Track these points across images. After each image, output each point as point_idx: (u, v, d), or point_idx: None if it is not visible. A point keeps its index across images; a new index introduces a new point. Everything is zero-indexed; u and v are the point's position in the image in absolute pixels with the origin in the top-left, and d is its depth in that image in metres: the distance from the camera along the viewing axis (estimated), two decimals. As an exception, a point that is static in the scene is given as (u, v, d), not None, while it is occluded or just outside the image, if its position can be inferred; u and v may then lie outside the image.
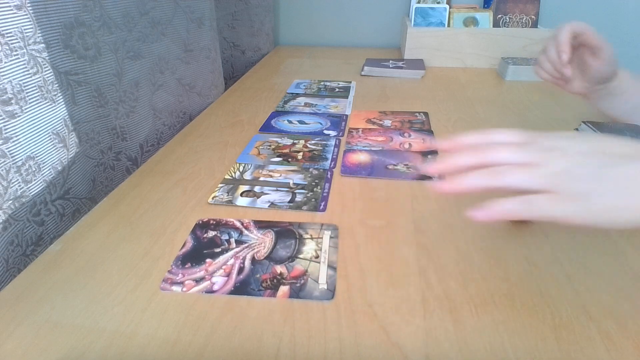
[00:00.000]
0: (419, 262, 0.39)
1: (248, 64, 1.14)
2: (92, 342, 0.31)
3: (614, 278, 0.36)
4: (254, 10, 1.09)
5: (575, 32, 0.56)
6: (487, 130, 0.33)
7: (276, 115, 0.74)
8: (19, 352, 0.31)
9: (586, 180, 0.28)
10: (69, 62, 0.48)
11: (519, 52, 1.02)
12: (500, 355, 0.30)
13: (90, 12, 0.50)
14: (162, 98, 0.67)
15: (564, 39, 0.56)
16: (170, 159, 0.59)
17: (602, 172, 0.28)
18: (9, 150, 0.41)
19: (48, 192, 0.47)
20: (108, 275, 0.38)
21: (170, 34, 0.68)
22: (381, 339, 0.31)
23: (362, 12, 1.25)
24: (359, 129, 0.68)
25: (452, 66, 1.06)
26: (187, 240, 0.42)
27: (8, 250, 0.42)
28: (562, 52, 0.56)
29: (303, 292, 0.36)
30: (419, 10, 1.07)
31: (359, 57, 1.14)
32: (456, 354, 0.30)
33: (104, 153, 0.56)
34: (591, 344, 0.30)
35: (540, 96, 0.83)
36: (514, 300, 0.34)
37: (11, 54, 0.40)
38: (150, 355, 0.30)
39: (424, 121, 0.71)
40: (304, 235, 0.43)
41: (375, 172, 0.54)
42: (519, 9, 1.04)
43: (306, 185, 0.52)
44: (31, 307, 0.34)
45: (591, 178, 0.28)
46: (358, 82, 0.93)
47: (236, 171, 0.55)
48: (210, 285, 0.36)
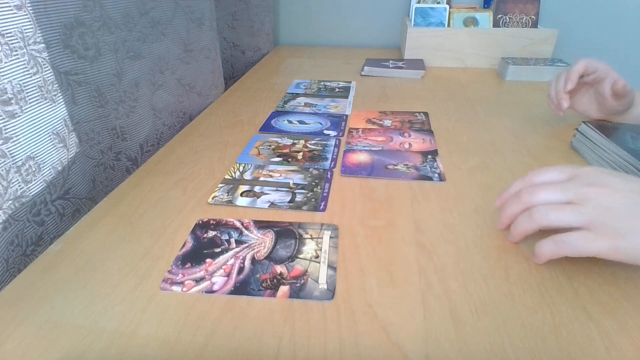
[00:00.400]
0: (419, 262, 0.39)
1: (248, 64, 1.14)
2: (92, 342, 0.31)
3: (614, 278, 0.36)
4: (254, 10, 1.09)
5: (589, 68, 0.60)
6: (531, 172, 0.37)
7: (276, 115, 0.74)
8: (19, 352, 0.31)
9: (622, 219, 0.30)
10: (69, 62, 0.48)
11: (519, 52, 1.02)
12: (500, 355, 0.30)
13: (90, 12, 0.50)
14: (162, 98, 0.67)
15: (576, 71, 0.60)
16: (170, 159, 0.59)
17: (637, 210, 0.30)
18: (9, 150, 0.41)
19: (48, 192, 0.47)
20: (108, 275, 0.38)
21: (170, 34, 0.68)
22: (381, 339, 0.31)
23: (362, 12, 1.25)
24: (359, 129, 0.68)
25: (452, 66, 1.06)
26: (187, 240, 0.42)
27: (8, 250, 0.42)
28: (568, 80, 0.60)
29: (303, 292, 0.36)
30: (419, 10, 1.07)
31: (359, 57, 1.14)
32: (456, 354, 0.30)
33: (104, 153, 0.56)
34: (591, 343, 0.30)
35: (540, 96, 0.83)
36: (514, 300, 0.34)
37: (11, 54, 0.40)
38: (150, 355, 0.30)
39: (424, 121, 0.71)
40: (304, 235, 0.43)
41: (375, 172, 0.54)
42: (519, 9, 1.04)
43: (306, 185, 0.52)
44: (31, 307, 0.34)
45: (627, 216, 0.30)
46: (358, 82, 0.93)
47: (236, 171, 0.55)
48: (210, 285, 0.36)
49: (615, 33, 1.16)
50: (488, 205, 0.47)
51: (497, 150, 0.60)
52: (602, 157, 0.53)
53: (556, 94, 0.63)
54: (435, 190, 0.50)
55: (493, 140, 0.64)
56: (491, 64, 1.05)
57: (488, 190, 0.50)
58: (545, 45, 1.01)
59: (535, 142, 0.63)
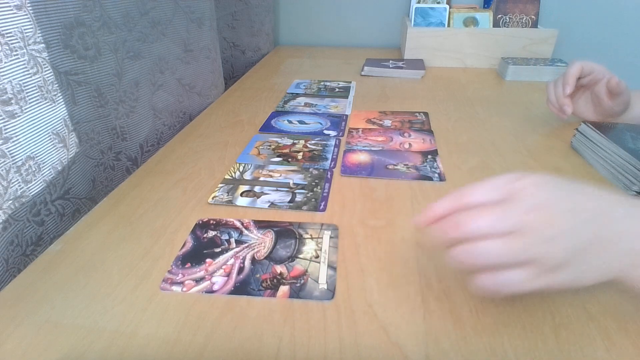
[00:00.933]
0: (419, 262, 0.39)
1: (248, 64, 1.14)
2: (92, 342, 0.31)
3: (614, 278, 0.36)
4: (254, 10, 1.09)
5: (585, 70, 0.61)
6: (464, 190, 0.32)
7: (276, 115, 0.74)
8: (19, 352, 0.31)
9: (564, 249, 0.28)
10: (69, 62, 0.48)
11: (519, 52, 1.02)
12: (500, 355, 0.30)
13: (90, 12, 0.50)
14: (162, 98, 0.67)
15: (572, 73, 0.60)
16: (170, 159, 0.59)
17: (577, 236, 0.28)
18: (9, 150, 0.41)
19: (48, 192, 0.47)
20: (108, 275, 0.38)
21: (170, 34, 0.68)
22: (381, 339, 0.31)
23: (362, 12, 1.25)
24: (359, 129, 0.68)
25: (452, 66, 1.06)
26: (187, 240, 0.42)
27: (8, 250, 0.42)
28: (566, 84, 0.60)
29: (303, 292, 0.36)
30: (419, 10, 1.07)
31: (359, 57, 1.14)
32: (456, 354, 0.30)
33: (104, 153, 0.56)
34: (591, 343, 0.30)
35: (540, 96, 0.83)
36: (514, 300, 0.34)
37: (11, 54, 0.40)
38: (150, 355, 0.30)
39: (424, 121, 0.71)
40: (304, 235, 0.43)
41: (375, 172, 0.54)
42: (519, 9, 1.04)
43: (306, 185, 0.52)
44: (31, 307, 0.34)
45: (569, 245, 0.28)
46: (358, 82, 0.93)
47: (236, 171, 0.55)
48: (210, 285, 0.36)
49: (615, 33, 1.16)
50: (488, 205, 0.47)
51: (497, 150, 0.60)
52: (602, 157, 0.53)
53: (557, 99, 0.63)
54: (435, 190, 0.50)
55: (493, 140, 0.64)
56: (491, 64, 1.05)
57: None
58: (545, 45, 1.01)
59: (535, 142, 0.63)
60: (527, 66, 0.93)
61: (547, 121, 0.70)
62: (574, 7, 1.15)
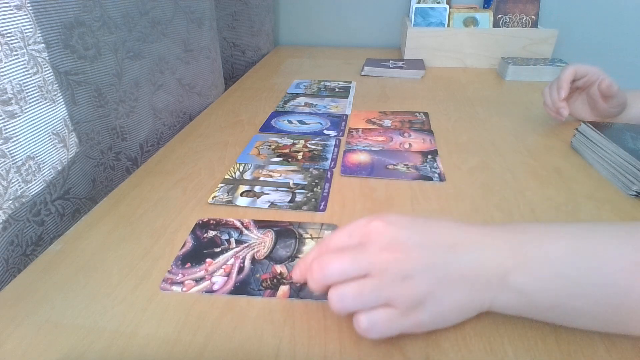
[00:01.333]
0: (419, 262, 0.39)
1: (248, 64, 1.14)
2: (92, 342, 0.31)
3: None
4: (254, 10, 1.09)
5: (578, 73, 0.61)
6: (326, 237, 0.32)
7: (276, 115, 0.74)
8: (19, 352, 0.31)
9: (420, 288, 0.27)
10: (69, 62, 0.48)
11: (519, 52, 1.02)
12: (500, 355, 0.30)
13: (90, 12, 0.50)
14: (162, 98, 0.67)
15: (565, 78, 0.61)
16: (170, 159, 0.59)
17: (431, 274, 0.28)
18: (9, 150, 0.41)
19: (48, 192, 0.47)
20: (108, 275, 0.38)
21: (170, 34, 0.68)
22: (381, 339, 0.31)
23: (362, 12, 1.25)
24: (359, 129, 0.68)
25: (452, 66, 1.06)
26: (187, 240, 0.42)
27: (8, 250, 0.42)
28: (560, 89, 0.61)
29: (303, 292, 0.36)
30: (419, 10, 1.07)
31: (359, 57, 1.14)
32: (456, 353, 0.30)
33: (104, 153, 0.56)
34: (591, 344, 0.30)
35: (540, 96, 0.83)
36: (514, 300, 0.34)
37: (11, 54, 0.40)
38: (150, 355, 0.30)
39: (424, 121, 0.71)
40: (304, 235, 0.43)
41: (375, 172, 0.54)
42: (519, 9, 1.04)
43: (306, 185, 0.52)
44: (31, 307, 0.34)
45: (425, 283, 0.28)
46: (358, 82, 0.93)
47: (236, 171, 0.55)
48: (210, 285, 0.36)
49: (615, 33, 1.16)
50: (488, 205, 0.47)
51: (497, 150, 0.60)
52: (602, 157, 0.53)
53: (553, 104, 0.63)
54: (435, 190, 0.50)
55: (493, 140, 0.64)
56: (491, 64, 1.05)
57: (488, 190, 0.50)
58: (545, 45, 1.01)
59: (535, 142, 0.63)
60: (527, 66, 0.94)
61: (547, 121, 0.70)
62: (574, 7, 1.15)
